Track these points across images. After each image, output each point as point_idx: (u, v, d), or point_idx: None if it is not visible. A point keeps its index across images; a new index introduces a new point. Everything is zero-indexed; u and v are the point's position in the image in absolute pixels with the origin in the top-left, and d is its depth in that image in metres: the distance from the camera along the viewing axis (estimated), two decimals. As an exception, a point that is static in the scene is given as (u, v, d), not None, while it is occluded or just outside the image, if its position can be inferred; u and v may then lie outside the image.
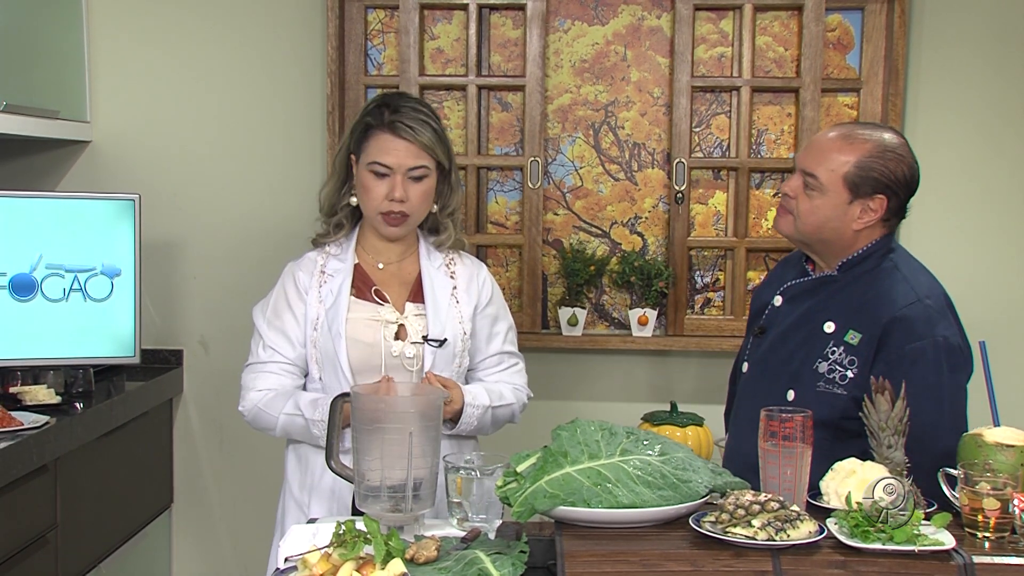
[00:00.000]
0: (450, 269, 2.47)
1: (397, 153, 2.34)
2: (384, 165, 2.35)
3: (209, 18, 3.52)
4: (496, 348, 2.50)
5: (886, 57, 3.45)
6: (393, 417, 1.92)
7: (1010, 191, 3.50)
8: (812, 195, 2.28)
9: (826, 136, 2.33)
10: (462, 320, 2.43)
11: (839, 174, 2.26)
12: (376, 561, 1.71)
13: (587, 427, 2.03)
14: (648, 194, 3.56)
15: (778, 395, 2.29)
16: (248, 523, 3.62)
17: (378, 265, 2.45)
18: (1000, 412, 2.11)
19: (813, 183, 2.28)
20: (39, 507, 2.71)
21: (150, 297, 3.52)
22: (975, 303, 3.47)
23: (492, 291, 2.52)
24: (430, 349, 2.37)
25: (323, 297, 2.39)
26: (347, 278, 2.40)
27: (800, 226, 2.31)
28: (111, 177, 3.51)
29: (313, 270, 2.43)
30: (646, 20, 3.52)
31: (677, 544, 1.82)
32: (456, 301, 2.44)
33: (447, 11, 3.53)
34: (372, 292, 2.41)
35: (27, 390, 2.91)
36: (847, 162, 2.26)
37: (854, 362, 2.24)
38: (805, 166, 2.30)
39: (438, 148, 2.37)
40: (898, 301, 2.24)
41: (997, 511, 1.83)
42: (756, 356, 2.44)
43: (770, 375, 2.36)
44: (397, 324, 2.38)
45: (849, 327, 2.26)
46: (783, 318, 2.39)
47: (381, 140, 2.36)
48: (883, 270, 2.30)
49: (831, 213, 2.28)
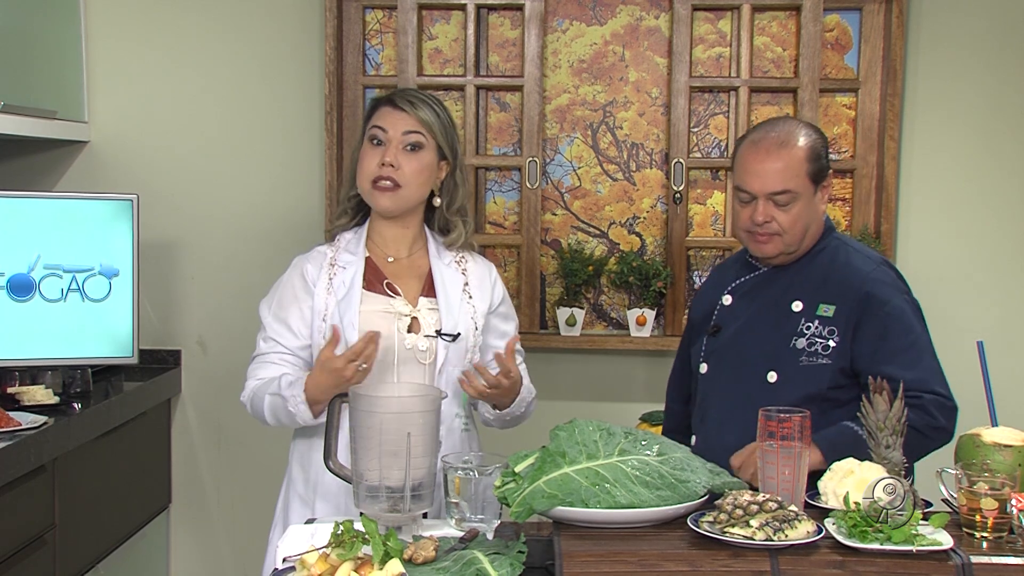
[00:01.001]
0: (461, 266, 2.47)
1: (393, 119, 2.39)
2: (379, 127, 2.38)
3: (207, 18, 3.52)
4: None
5: (884, 57, 3.46)
6: (391, 417, 1.92)
7: (1007, 191, 3.50)
8: (789, 207, 2.33)
9: (764, 153, 2.33)
10: (475, 316, 2.43)
11: (803, 175, 2.33)
12: (374, 561, 1.71)
13: (585, 427, 2.03)
14: (646, 194, 3.56)
15: (754, 382, 2.34)
16: (246, 523, 3.62)
17: (388, 258, 2.44)
18: (997, 412, 2.12)
19: (786, 198, 2.32)
20: (37, 507, 2.71)
21: (148, 297, 3.51)
22: (972, 303, 3.49)
23: (503, 292, 2.54)
24: (443, 343, 2.37)
25: (334, 288, 2.39)
26: (359, 270, 2.40)
27: (789, 239, 2.35)
28: (109, 177, 3.51)
29: (322, 262, 2.43)
30: (644, 20, 3.52)
31: (675, 544, 1.82)
32: (469, 297, 2.44)
33: (445, 11, 3.53)
34: (384, 285, 2.40)
35: (25, 390, 2.91)
36: (802, 160, 2.33)
37: (833, 332, 2.31)
38: (771, 189, 2.32)
39: (436, 127, 2.40)
40: (862, 268, 2.36)
41: (995, 511, 1.83)
42: (716, 352, 2.45)
43: (740, 365, 2.39)
44: (410, 317, 2.38)
45: (819, 301, 2.34)
46: (740, 312, 2.44)
47: (381, 112, 2.42)
48: (833, 247, 2.41)
49: (807, 211, 2.35)
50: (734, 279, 2.49)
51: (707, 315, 2.51)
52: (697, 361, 2.50)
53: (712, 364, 2.46)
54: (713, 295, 2.52)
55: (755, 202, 2.34)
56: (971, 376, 2.24)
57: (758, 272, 2.45)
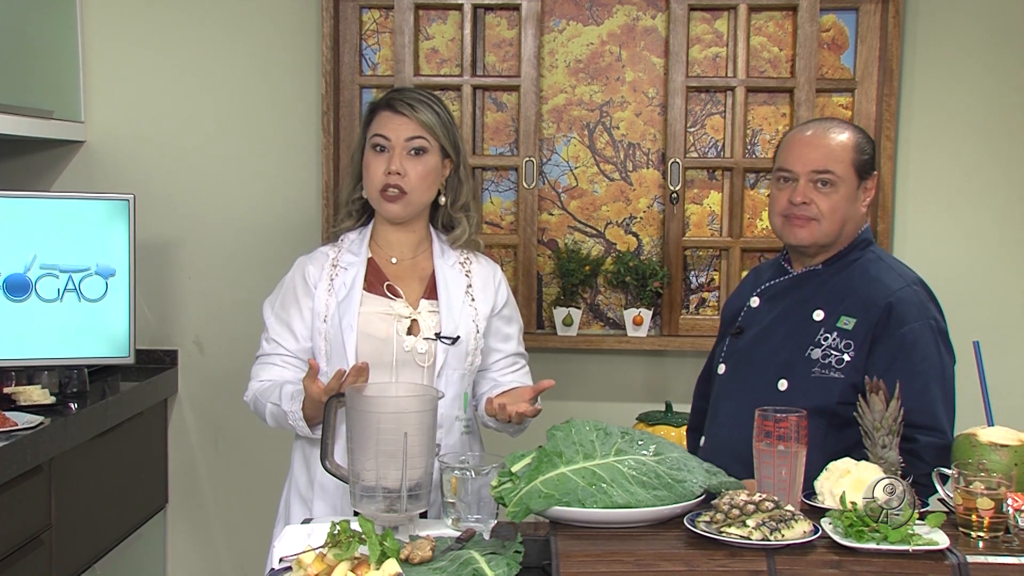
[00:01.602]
0: (465, 267, 2.47)
1: (395, 125, 2.37)
2: (382, 136, 2.37)
3: (204, 18, 3.51)
4: (511, 349, 2.51)
5: (880, 57, 3.46)
6: (388, 417, 1.92)
7: (1004, 190, 3.51)
8: (829, 192, 2.30)
9: (811, 135, 2.34)
10: (476, 319, 2.42)
11: (848, 162, 2.31)
12: (371, 561, 1.71)
13: (582, 427, 2.03)
14: (643, 194, 3.56)
15: (765, 388, 2.30)
16: (243, 524, 3.61)
17: (391, 260, 2.44)
18: (993, 412, 2.12)
19: (830, 178, 2.30)
20: (33, 508, 2.70)
21: (145, 297, 3.51)
22: (969, 302, 3.48)
23: (507, 294, 2.52)
24: (442, 346, 2.37)
25: (335, 289, 2.39)
26: (360, 271, 2.40)
27: (827, 227, 2.31)
28: (105, 177, 3.50)
29: (324, 263, 2.43)
30: (641, 20, 3.53)
31: (672, 544, 1.82)
32: (471, 299, 2.43)
33: (442, 11, 3.53)
34: (385, 287, 2.40)
35: (21, 390, 2.91)
36: (848, 147, 2.31)
37: (850, 345, 2.26)
38: (815, 166, 2.30)
39: (438, 129, 2.39)
40: (891, 285, 2.29)
41: (991, 511, 1.83)
42: (735, 354, 2.43)
43: (755, 369, 2.36)
44: (410, 319, 2.38)
45: (840, 313, 2.29)
46: (763, 316, 2.40)
47: (381, 117, 2.40)
48: (867, 260, 2.36)
49: (848, 203, 2.32)
50: (766, 281, 2.45)
51: (735, 316, 2.48)
52: (717, 361, 2.48)
53: (730, 366, 2.43)
54: (741, 298, 2.49)
55: (795, 184, 2.31)
56: (967, 376, 2.24)
57: (788, 276, 2.41)
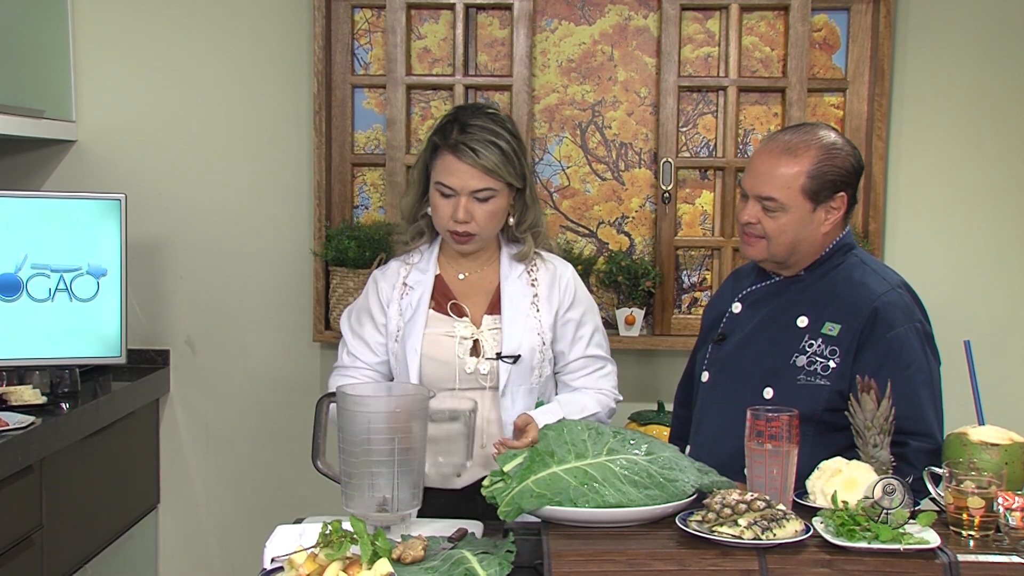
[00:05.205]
0: (531, 276, 2.44)
1: (460, 176, 2.31)
2: (447, 186, 2.33)
3: (195, 17, 3.51)
4: (580, 352, 2.46)
5: (872, 57, 3.47)
6: (380, 417, 1.92)
7: (995, 190, 3.51)
8: (776, 215, 2.25)
9: (767, 154, 2.28)
10: (541, 331, 2.40)
11: (795, 189, 2.24)
12: (363, 561, 1.71)
13: (574, 427, 2.03)
14: (635, 194, 3.56)
15: (750, 396, 2.25)
16: (234, 524, 3.61)
17: (459, 275, 2.44)
18: (984, 411, 2.13)
19: (772, 205, 2.25)
20: (24, 508, 2.70)
21: (136, 297, 3.50)
22: (960, 302, 3.49)
23: (575, 293, 2.46)
24: (504, 366, 2.36)
25: (403, 310, 2.40)
26: (427, 291, 2.40)
27: (774, 248, 2.28)
28: (97, 177, 3.49)
29: (395, 281, 2.44)
30: (633, 20, 3.53)
31: (664, 543, 1.83)
32: (536, 310, 2.41)
33: (434, 11, 3.53)
34: (449, 307, 2.40)
35: (12, 390, 2.90)
36: (799, 174, 2.23)
37: (835, 352, 2.23)
38: (758, 191, 2.26)
39: (504, 170, 2.32)
40: (876, 289, 2.26)
41: (982, 510, 1.84)
42: (718, 362, 2.39)
43: (739, 377, 2.32)
44: (472, 340, 2.38)
45: (824, 320, 2.26)
46: (745, 322, 2.37)
47: (446, 161, 2.33)
48: (849, 264, 2.32)
49: (799, 226, 2.26)
50: (747, 287, 2.42)
51: (716, 322, 2.44)
52: (700, 368, 2.44)
53: (713, 373, 2.39)
54: (722, 304, 2.46)
55: (748, 201, 2.29)
56: (958, 375, 2.24)
57: (770, 281, 2.38)
